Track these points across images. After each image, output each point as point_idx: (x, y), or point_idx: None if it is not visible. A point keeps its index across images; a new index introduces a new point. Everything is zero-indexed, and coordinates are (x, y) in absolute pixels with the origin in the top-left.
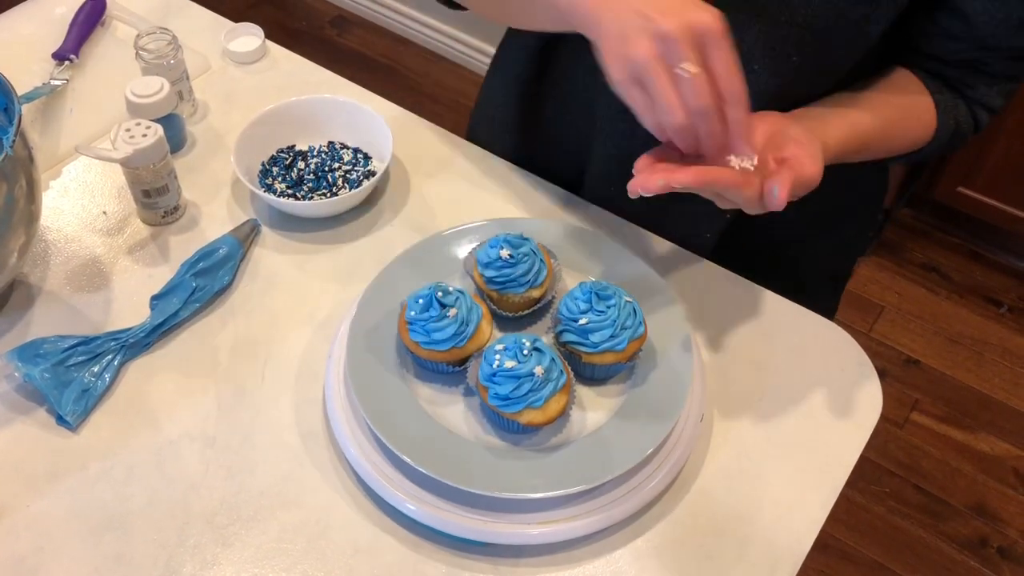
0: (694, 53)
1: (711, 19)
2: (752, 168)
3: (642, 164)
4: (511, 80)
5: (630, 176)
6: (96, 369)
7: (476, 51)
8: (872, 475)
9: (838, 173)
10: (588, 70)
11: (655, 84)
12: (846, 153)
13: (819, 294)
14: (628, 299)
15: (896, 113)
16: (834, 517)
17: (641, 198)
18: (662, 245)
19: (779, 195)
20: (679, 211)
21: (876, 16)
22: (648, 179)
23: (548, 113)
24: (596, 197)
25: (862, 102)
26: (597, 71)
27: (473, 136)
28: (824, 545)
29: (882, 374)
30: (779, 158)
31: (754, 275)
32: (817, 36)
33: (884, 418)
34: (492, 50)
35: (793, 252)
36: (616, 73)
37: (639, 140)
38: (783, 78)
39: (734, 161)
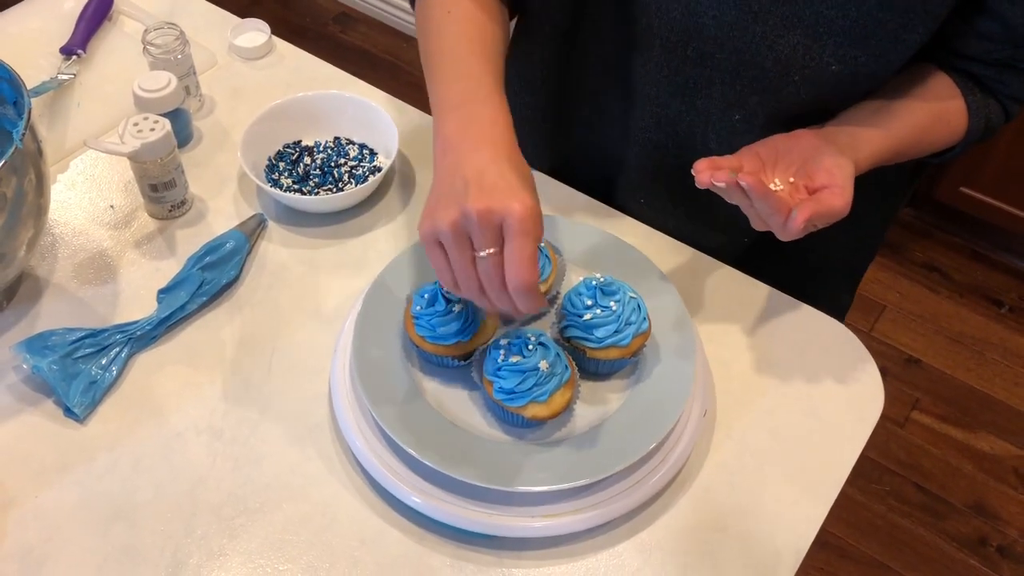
0: (492, 237)
1: (519, 209)
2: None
3: (703, 164)
4: (537, 91)
5: (661, 189)
6: (103, 361)
7: None
8: (872, 474)
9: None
10: (620, 86)
11: (452, 252)
12: (882, 160)
13: (834, 288)
14: (632, 295)
15: (928, 119)
16: (834, 515)
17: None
18: (666, 242)
19: (796, 220)
20: (706, 232)
21: (914, 24)
22: (716, 173)
23: (578, 128)
24: (626, 208)
25: (895, 111)
26: (631, 88)
27: None
28: (824, 543)
29: (883, 373)
30: (810, 187)
31: (767, 266)
32: (856, 45)
33: (885, 417)
34: None
35: (808, 244)
36: (423, 227)
37: (671, 152)
38: (821, 88)
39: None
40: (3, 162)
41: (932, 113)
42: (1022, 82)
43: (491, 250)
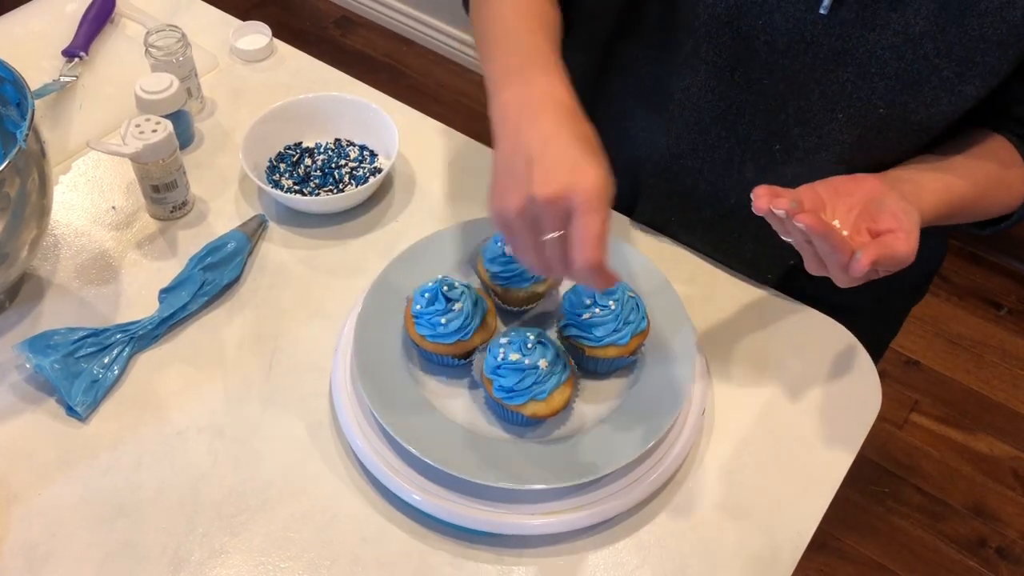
0: (558, 221)
1: (585, 188)
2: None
3: (763, 189)
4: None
5: (692, 216)
6: (105, 361)
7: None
8: (871, 475)
9: None
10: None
11: (519, 238)
12: (938, 219)
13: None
14: (631, 294)
15: (988, 180)
16: (833, 516)
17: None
18: (665, 242)
19: (861, 261)
20: (743, 253)
21: (970, 76)
22: (776, 200)
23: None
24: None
25: (955, 167)
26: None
27: None
28: (823, 544)
29: (882, 375)
30: (874, 230)
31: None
32: (907, 91)
33: (884, 419)
34: None
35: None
36: (493, 210)
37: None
38: (865, 128)
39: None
40: (7, 163)
41: (993, 176)
42: None
43: (556, 234)
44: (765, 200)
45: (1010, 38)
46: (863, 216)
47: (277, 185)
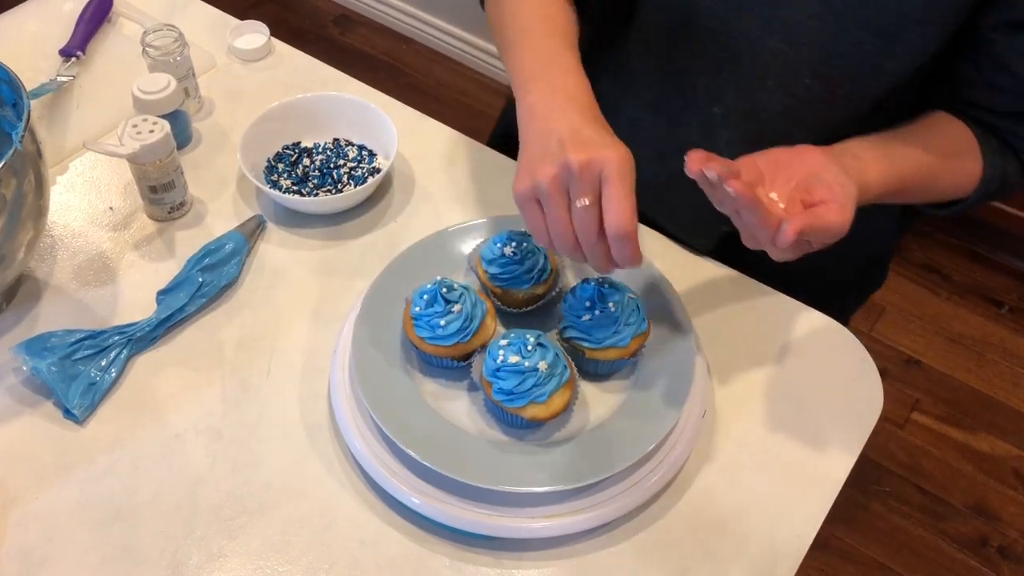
0: (590, 187)
1: (616, 158)
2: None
3: (699, 153)
4: None
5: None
6: (103, 363)
7: (478, 50)
8: (872, 474)
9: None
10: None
11: (551, 207)
12: (887, 193)
13: (836, 304)
14: (631, 296)
15: (940, 161)
16: (834, 516)
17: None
18: (665, 243)
19: (786, 231)
20: (681, 217)
21: (897, 53)
22: (708, 163)
23: None
24: None
25: (905, 146)
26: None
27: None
28: (824, 544)
29: (883, 374)
30: (808, 202)
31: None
32: (832, 62)
33: (884, 418)
34: (494, 49)
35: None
36: (521, 185)
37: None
38: (795, 99)
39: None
40: (2, 164)
41: (944, 156)
42: None
43: (588, 199)
44: (698, 162)
45: (931, 15)
46: (799, 188)
47: (275, 185)
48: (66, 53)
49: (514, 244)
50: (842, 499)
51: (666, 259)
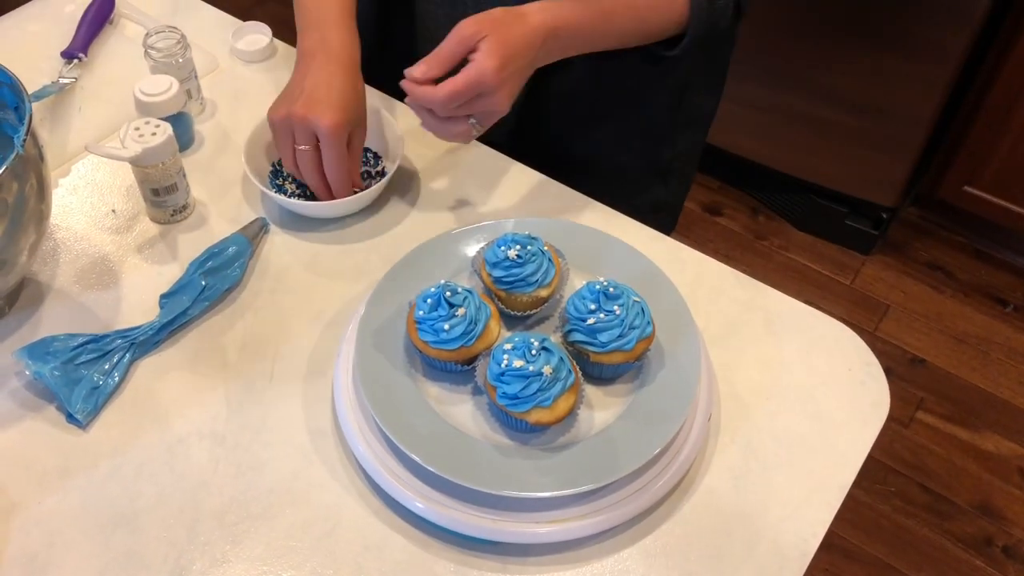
0: (305, 138)
1: (326, 123)
2: None
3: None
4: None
5: None
6: (106, 367)
7: None
8: (877, 474)
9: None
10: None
11: (277, 140)
12: (590, 28)
13: (643, 190)
14: (636, 299)
15: None
16: (839, 516)
17: None
18: (669, 243)
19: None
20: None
21: None
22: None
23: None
24: None
25: None
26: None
27: None
28: (829, 544)
29: (888, 373)
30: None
31: (559, 175)
32: None
33: (889, 417)
34: None
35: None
36: (270, 114)
37: None
38: None
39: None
40: (4, 167)
41: None
42: None
43: (305, 147)
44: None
45: None
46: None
47: (281, 189)
48: (68, 55)
49: (518, 247)
50: (847, 498)
51: (671, 262)
